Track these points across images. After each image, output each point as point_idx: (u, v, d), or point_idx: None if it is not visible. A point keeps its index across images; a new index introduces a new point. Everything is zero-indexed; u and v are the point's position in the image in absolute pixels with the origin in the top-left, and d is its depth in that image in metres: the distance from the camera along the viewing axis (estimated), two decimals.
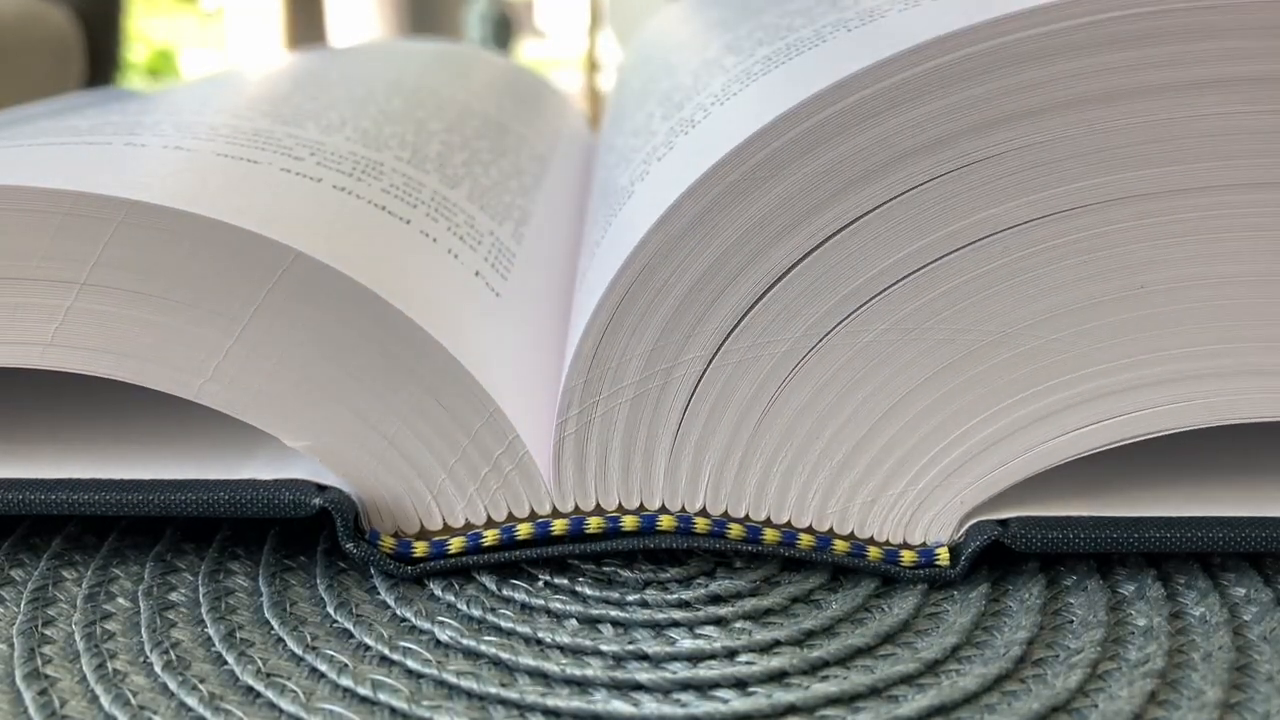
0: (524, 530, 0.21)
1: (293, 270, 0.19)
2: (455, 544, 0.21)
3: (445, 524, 0.22)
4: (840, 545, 0.21)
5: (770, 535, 0.21)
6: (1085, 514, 0.21)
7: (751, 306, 0.20)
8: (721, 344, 0.20)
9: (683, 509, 0.22)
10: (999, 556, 0.22)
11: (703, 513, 0.22)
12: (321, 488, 0.21)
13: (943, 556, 0.21)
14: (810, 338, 0.20)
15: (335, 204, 0.22)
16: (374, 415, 0.21)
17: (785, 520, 0.21)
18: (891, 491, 0.21)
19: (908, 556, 0.21)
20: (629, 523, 0.21)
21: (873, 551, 0.21)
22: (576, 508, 0.22)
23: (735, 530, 0.21)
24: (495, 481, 0.21)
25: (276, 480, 0.21)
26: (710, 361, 0.20)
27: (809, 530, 0.21)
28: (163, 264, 0.20)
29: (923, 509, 0.21)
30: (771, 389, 0.21)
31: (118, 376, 0.21)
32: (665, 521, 0.21)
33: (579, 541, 0.21)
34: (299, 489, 0.21)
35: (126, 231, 0.20)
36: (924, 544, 0.22)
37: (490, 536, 0.21)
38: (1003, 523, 0.21)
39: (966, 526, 0.21)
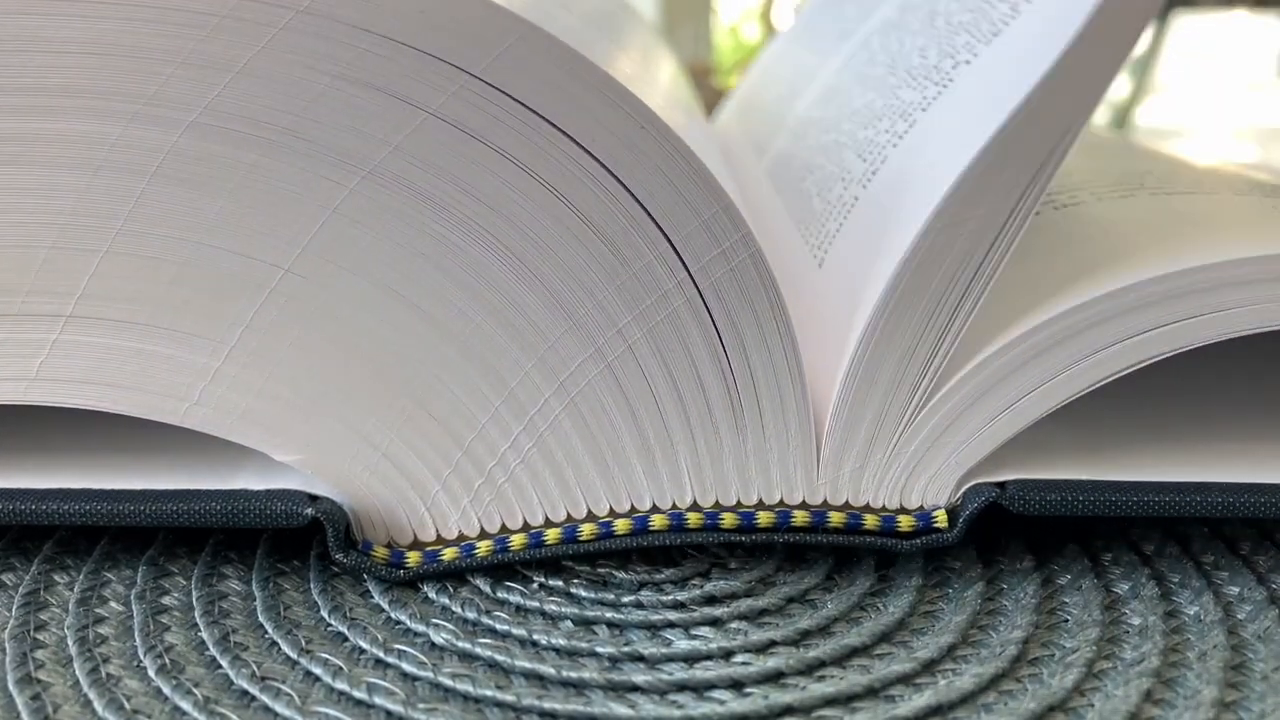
0: (517, 541, 0.21)
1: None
2: (449, 554, 0.21)
3: (439, 535, 0.22)
4: (836, 517, 0.21)
5: (764, 518, 0.21)
6: (1084, 478, 0.21)
7: None
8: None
9: (673, 506, 0.21)
10: (996, 551, 0.22)
11: (694, 507, 0.21)
12: (314, 498, 0.21)
13: (940, 519, 0.21)
14: None
15: None
16: (366, 428, 0.21)
17: (777, 500, 0.21)
18: (878, 456, 0.21)
19: (905, 522, 0.21)
20: (621, 526, 0.21)
21: (869, 520, 0.21)
22: (569, 515, 0.22)
23: (729, 519, 0.21)
24: (488, 493, 0.21)
25: (268, 490, 0.21)
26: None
27: (803, 507, 0.21)
28: (150, 290, 0.20)
29: (918, 471, 0.21)
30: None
31: (103, 408, 0.21)
32: (657, 521, 0.21)
33: (572, 544, 0.21)
34: (291, 499, 0.21)
35: (112, 261, 0.20)
36: (921, 508, 0.21)
37: (484, 548, 0.21)
38: (1000, 485, 0.21)
39: (964, 489, 0.21)
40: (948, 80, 0.23)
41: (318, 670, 0.19)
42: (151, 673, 0.19)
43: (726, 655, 0.19)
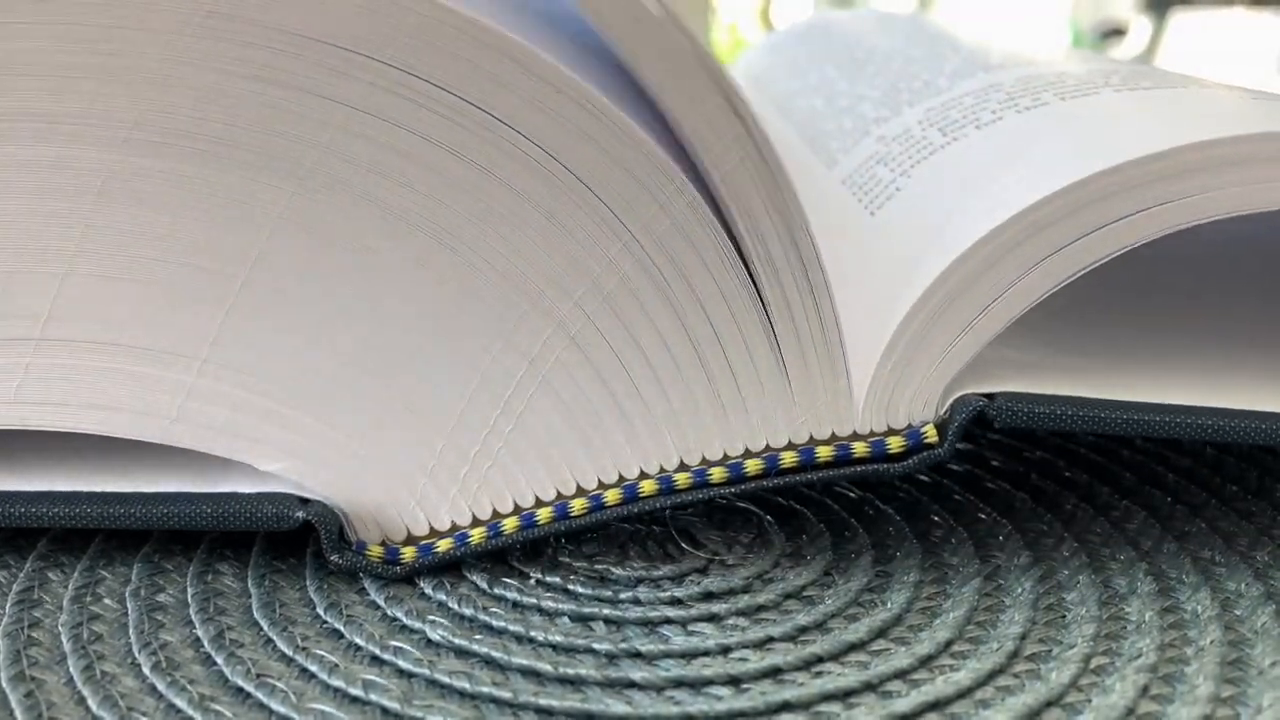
0: (510, 525, 0.21)
1: None
2: (443, 545, 0.21)
3: (431, 528, 0.22)
4: (824, 451, 0.21)
5: (752, 466, 0.21)
6: (1074, 394, 0.21)
7: None
8: None
9: (661, 469, 0.21)
10: (993, 547, 0.22)
11: (681, 467, 0.21)
12: (304, 500, 0.21)
13: (930, 434, 0.21)
14: None
15: None
16: (345, 430, 0.21)
17: (762, 445, 0.21)
18: (842, 381, 0.21)
19: (895, 443, 0.21)
20: (611, 497, 0.21)
21: (859, 448, 0.21)
22: (558, 493, 0.21)
23: (717, 474, 0.21)
24: (475, 480, 0.21)
25: (259, 494, 0.21)
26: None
27: (789, 447, 0.21)
28: (115, 310, 0.20)
29: (900, 389, 0.21)
30: None
31: (85, 429, 0.21)
32: (646, 486, 0.21)
33: (564, 521, 0.21)
34: (281, 502, 0.21)
35: (73, 283, 0.20)
36: (909, 426, 0.21)
37: (477, 535, 0.21)
38: (989, 396, 0.21)
39: (951, 401, 0.21)
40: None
41: (313, 667, 0.19)
42: (146, 670, 0.19)
43: (724, 651, 0.19)
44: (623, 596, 0.21)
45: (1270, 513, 0.24)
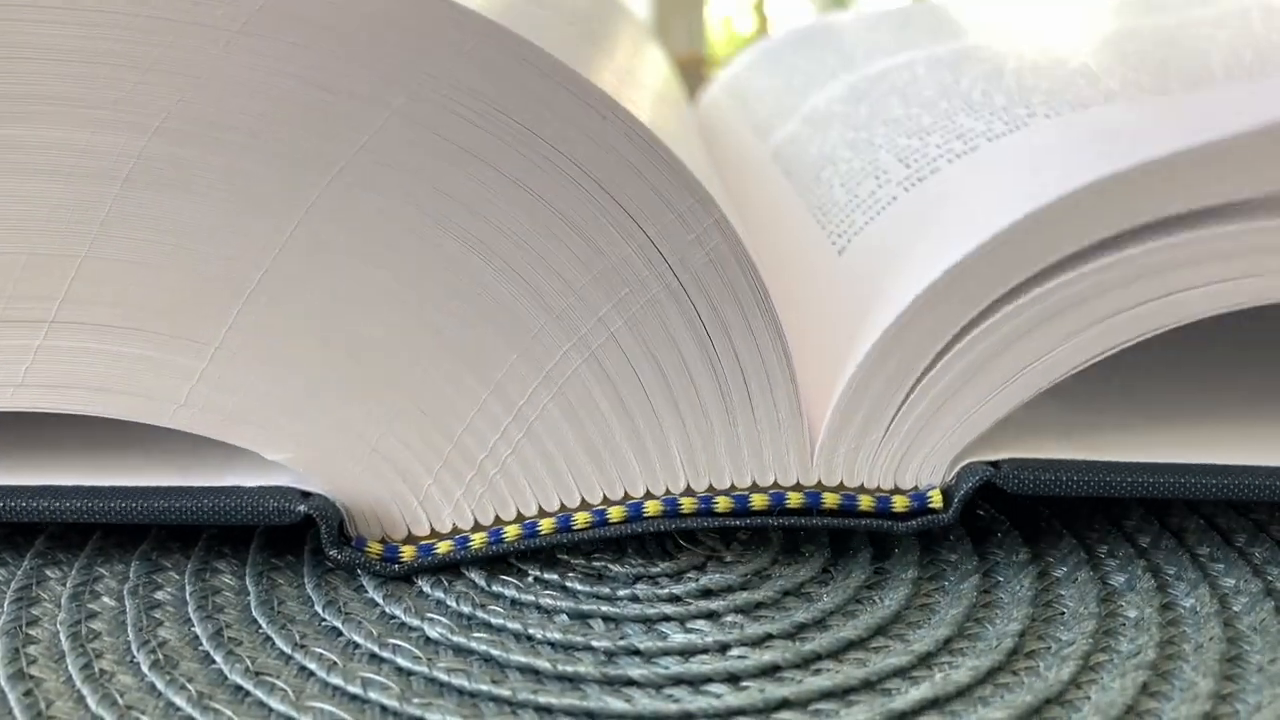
0: (511, 532, 0.21)
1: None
2: (443, 547, 0.21)
3: (432, 528, 0.21)
4: (830, 499, 0.21)
5: (758, 501, 0.21)
6: (1078, 458, 0.21)
7: None
8: None
9: (667, 491, 0.21)
10: (991, 544, 0.22)
11: (687, 491, 0.21)
12: (306, 494, 0.21)
13: (935, 500, 0.21)
14: None
15: None
16: (354, 424, 0.21)
17: (771, 482, 0.21)
18: (873, 437, 0.21)
19: (900, 502, 0.21)
20: (615, 514, 0.21)
21: (865, 501, 0.21)
22: (562, 505, 0.21)
23: (723, 503, 0.21)
24: (480, 485, 0.21)
25: (260, 487, 0.21)
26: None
27: (797, 488, 0.21)
28: (132, 294, 0.20)
29: (912, 451, 0.21)
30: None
31: (91, 412, 0.21)
32: (651, 507, 0.21)
33: (566, 534, 0.21)
34: (283, 496, 0.21)
35: (92, 266, 0.20)
36: (915, 488, 0.21)
37: (478, 540, 0.21)
38: (995, 464, 0.21)
39: (958, 469, 0.21)
40: (1021, 124, 0.24)
41: (312, 665, 0.19)
42: (145, 668, 0.19)
43: (722, 649, 0.19)
44: (621, 594, 0.21)
45: (1267, 509, 0.24)
